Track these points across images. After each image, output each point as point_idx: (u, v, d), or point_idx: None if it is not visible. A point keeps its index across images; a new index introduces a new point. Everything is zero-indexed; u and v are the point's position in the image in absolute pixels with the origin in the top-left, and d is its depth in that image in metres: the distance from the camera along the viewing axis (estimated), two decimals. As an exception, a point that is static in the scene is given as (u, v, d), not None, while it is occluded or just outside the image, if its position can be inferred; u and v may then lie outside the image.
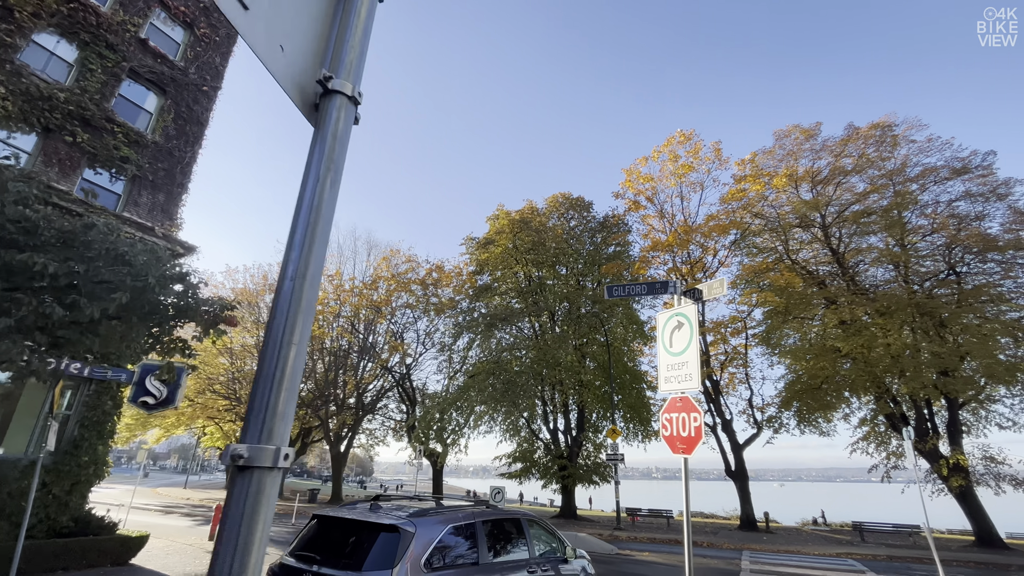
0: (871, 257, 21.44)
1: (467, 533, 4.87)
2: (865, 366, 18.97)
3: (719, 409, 25.13)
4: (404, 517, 4.49)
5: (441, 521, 4.66)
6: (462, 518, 4.92)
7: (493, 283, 29.39)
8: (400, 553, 4.10)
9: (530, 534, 5.79)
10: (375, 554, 4.15)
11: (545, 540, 6.10)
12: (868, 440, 22.29)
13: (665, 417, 4.74)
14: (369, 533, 4.38)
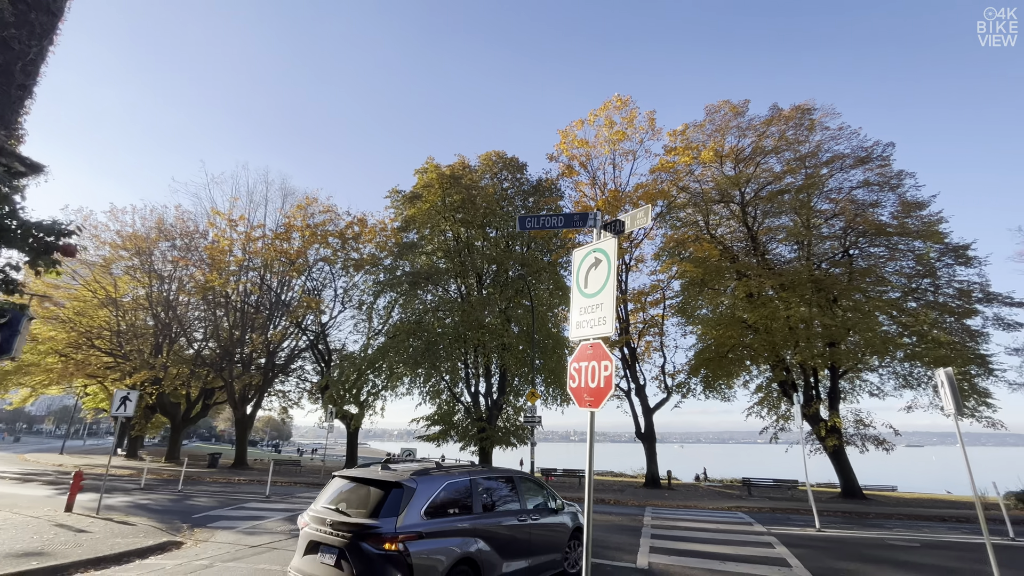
0: (780, 236, 22.77)
1: (462, 488, 5.79)
2: (767, 336, 20.29)
3: (634, 375, 26.10)
4: (408, 475, 5.44)
5: (439, 478, 5.62)
6: (458, 476, 5.87)
7: (420, 241, 27.99)
8: (404, 503, 5.08)
9: (522, 489, 6.80)
10: (384, 504, 5.09)
11: (537, 494, 7.14)
12: (762, 405, 24.22)
13: (573, 367, 4.22)
14: (380, 488, 5.31)
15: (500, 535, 5.92)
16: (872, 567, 8.50)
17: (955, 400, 7.60)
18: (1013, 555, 9.61)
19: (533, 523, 6.54)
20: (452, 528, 5.35)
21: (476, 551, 5.42)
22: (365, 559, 4.74)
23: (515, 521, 6.24)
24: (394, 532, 4.82)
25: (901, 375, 22.29)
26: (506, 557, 5.87)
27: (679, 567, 8.25)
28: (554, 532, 6.96)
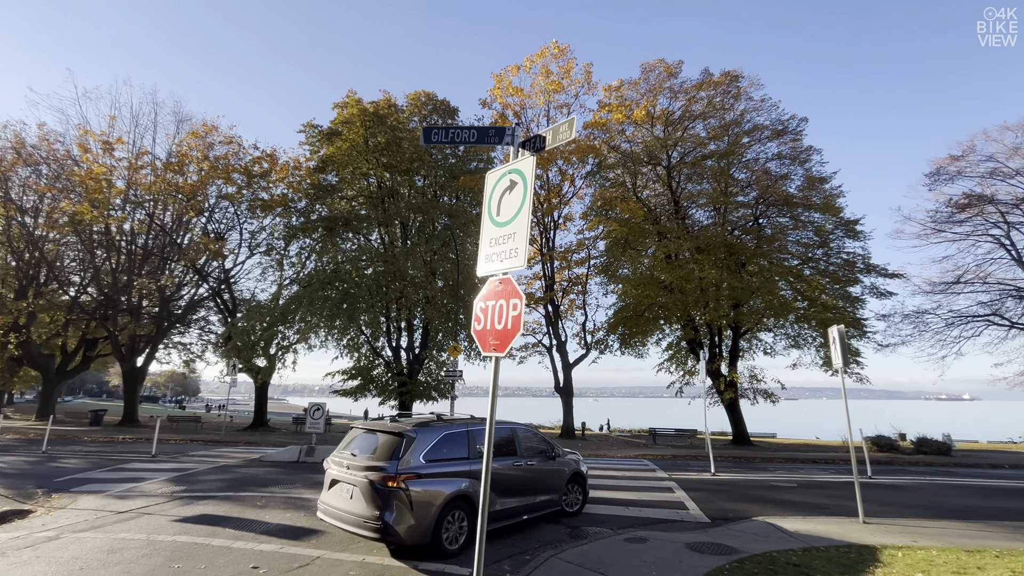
0: (701, 201, 23.59)
1: (459, 438, 6.64)
2: (681, 297, 21.25)
3: (557, 332, 26.59)
4: (411, 427, 6.35)
5: (438, 429, 6.49)
6: (456, 427, 6.73)
7: (339, 185, 25.83)
8: (406, 449, 5.99)
9: (520, 439, 7.66)
10: (390, 450, 6.03)
11: (536, 444, 7.99)
12: (672, 361, 25.79)
13: (479, 307, 3.70)
14: (387, 436, 6.25)
15: (495, 477, 6.67)
16: (757, 506, 9.22)
17: (843, 355, 8.15)
18: (871, 490, 10.93)
19: (528, 467, 7.46)
20: (448, 471, 6.25)
21: (470, 490, 6.30)
22: (374, 493, 5.73)
23: (510, 465, 7.18)
24: (396, 472, 5.75)
25: (791, 336, 24.58)
26: (501, 495, 6.83)
27: (587, 514, 8.39)
28: (550, 476, 7.83)
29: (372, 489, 5.72)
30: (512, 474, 7.13)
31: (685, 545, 6.28)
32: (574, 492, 8.30)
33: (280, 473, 11.91)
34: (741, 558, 5.65)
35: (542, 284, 27.36)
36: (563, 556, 5.83)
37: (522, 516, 7.18)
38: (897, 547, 6.12)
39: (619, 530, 7.33)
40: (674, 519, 8.27)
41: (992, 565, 5.13)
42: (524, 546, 6.51)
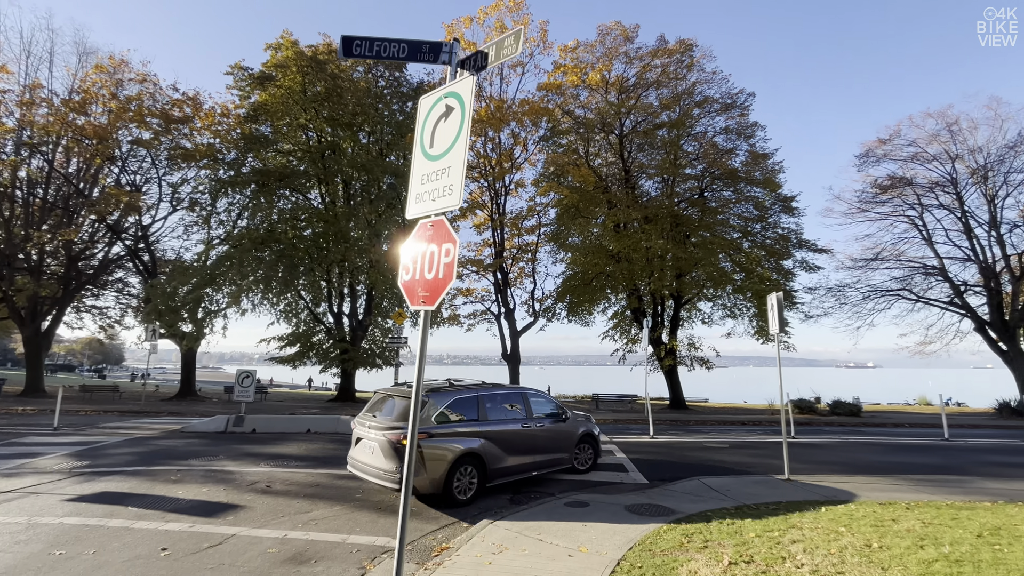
0: (650, 171, 23.71)
1: (469, 402, 7.30)
2: (628, 266, 21.52)
3: (505, 299, 26.39)
4: (425, 391, 6.84)
5: (449, 394, 7.19)
6: (466, 392, 7.40)
7: (274, 137, 23.74)
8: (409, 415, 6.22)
9: (530, 403, 8.23)
10: (405, 412, 6.57)
11: (545, 407, 8.54)
12: (616, 329, 26.39)
13: (408, 257, 3.23)
14: (403, 400, 6.87)
15: (503, 436, 7.42)
16: (691, 466, 9.53)
17: (779, 321, 8.38)
18: (795, 449, 11.64)
19: (538, 428, 8.01)
20: (457, 430, 6.93)
21: (479, 448, 6.97)
22: (391, 450, 6.41)
23: (519, 426, 7.77)
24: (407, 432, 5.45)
25: (727, 307, 25.72)
26: (510, 453, 7.44)
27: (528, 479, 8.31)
28: (559, 436, 8.38)
29: (390, 446, 6.46)
30: (521, 435, 7.75)
31: (624, 508, 6.28)
32: (585, 452, 8.88)
33: (203, 444, 11.05)
34: (678, 518, 5.70)
35: (492, 252, 26.91)
36: (502, 524, 5.64)
37: (531, 472, 7.87)
38: (820, 502, 6.41)
39: (562, 494, 7.28)
40: (615, 481, 8.36)
41: (904, 517, 5.44)
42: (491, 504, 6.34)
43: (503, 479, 7.37)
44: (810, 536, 4.75)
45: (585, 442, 8.86)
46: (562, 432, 8.45)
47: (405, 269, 3.20)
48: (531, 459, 7.81)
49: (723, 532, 5.01)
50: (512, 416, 7.84)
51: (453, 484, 6.64)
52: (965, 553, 4.14)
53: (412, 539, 5.33)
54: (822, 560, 4.06)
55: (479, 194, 27.03)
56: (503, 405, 7.87)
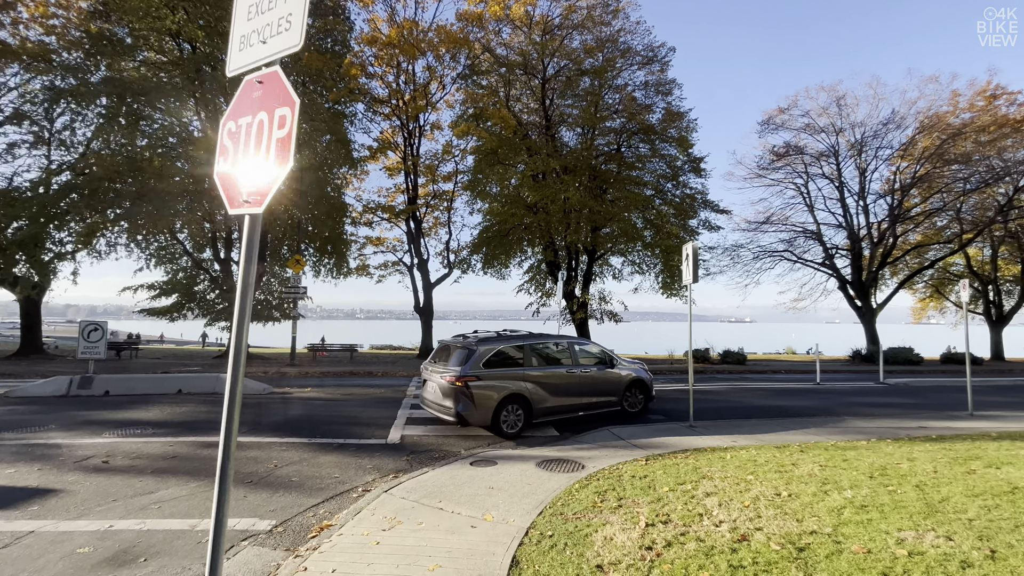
0: (571, 119, 23.05)
1: (516, 349, 8.29)
2: (546, 217, 21.08)
3: (419, 250, 25.00)
4: (474, 342, 8.11)
5: (495, 342, 8.21)
6: (513, 341, 8.42)
7: (134, 42, 19.42)
8: (468, 358, 7.73)
9: (576, 351, 9.04)
10: (458, 360, 7.82)
11: (593, 355, 9.34)
12: (531, 283, 26.28)
13: (226, 132, 2.15)
14: (459, 350, 8.05)
15: (547, 380, 8.25)
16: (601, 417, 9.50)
17: (694, 271, 8.29)
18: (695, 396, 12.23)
19: (583, 373, 8.81)
20: (503, 374, 7.83)
21: (524, 389, 7.89)
22: (446, 390, 7.59)
23: (563, 371, 8.58)
24: (460, 375, 7.46)
25: (636, 263, 26.60)
26: (554, 395, 8.29)
27: (433, 436, 7.67)
28: (606, 381, 9.14)
29: (448, 387, 7.55)
30: (566, 378, 8.60)
31: (535, 464, 5.86)
32: (634, 396, 9.55)
33: (32, 411, 8.99)
34: (589, 474, 5.38)
35: (405, 199, 25.09)
36: (396, 492, 4.93)
37: (577, 412, 8.75)
38: (723, 448, 6.50)
39: (468, 451, 6.73)
40: (525, 435, 8.01)
41: (802, 460, 5.57)
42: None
43: (548, 417, 8.42)
44: (722, 487, 4.61)
45: (635, 387, 9.55)
46: (609, 378, 9.21)
47: (221, 153, 2.13)
48: (575, 400, 8.69)
49: (637, 488, 4.72)
50: (557, 362, 8.74)
51: (501, 419, 7.72)
52: (867, 497, 4.18)
53: (286, 517, 4.45)
54: (739, 515, 3.85)
55: (391, 134, 24.78)
56: (548, 353, 8.81)
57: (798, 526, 3.55)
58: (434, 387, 8.00)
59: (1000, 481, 4.59)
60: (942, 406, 10.91)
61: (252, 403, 10.28)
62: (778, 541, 3.29)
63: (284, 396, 11.42)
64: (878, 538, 3.28)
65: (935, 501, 4.04)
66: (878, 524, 3.51)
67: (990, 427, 8.19)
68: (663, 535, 3.51)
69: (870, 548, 3.11)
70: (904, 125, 28.08)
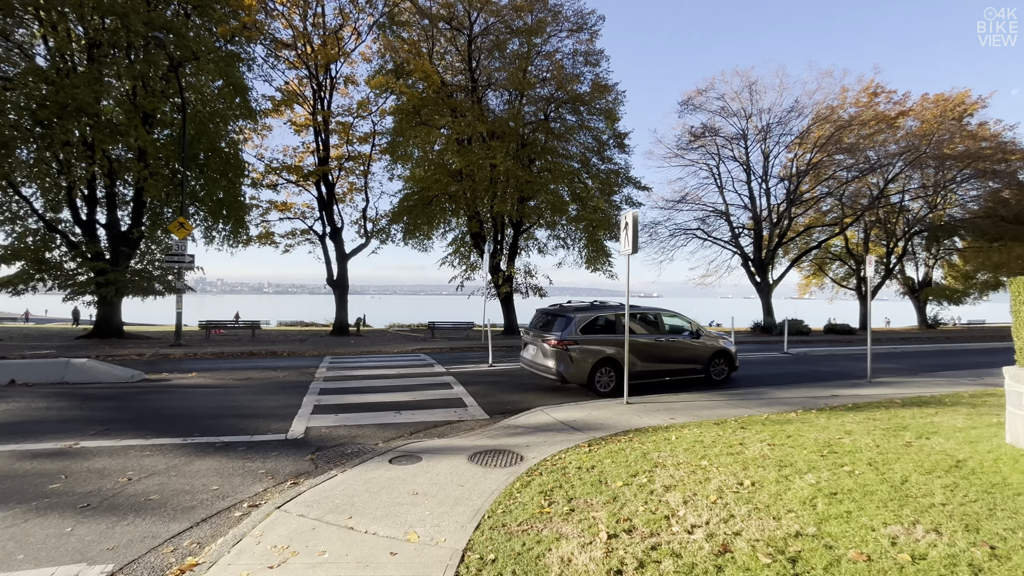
0: (499, 81, 21.86)
1: (608, 318, 9.23)
2: (471, 185, 19.99)
3: (331, 217, 22.80)
4: (571, 311, 9.26)
5: (590, 311, 9.26)
6: (606, 311, 9.35)
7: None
8: (568, 324, 8.87)
9: (663, 321, 9.95)
10: (559, 326, 8.99)
11: (680, 325, 10.18)
12: (456, 255, 25.20)
13: None
14: (556, 317, 9.25)
15: (636, 346, 9.10)
16: (532, 395, 8.95)
17: (633, 241, 7.83)
18: (620, 370, 12.15)
19: (668, 341, 9.67)
20: (597, 339, 8.98)
21: (615, 354, 8.94)
22: (548, 352, 8.88)
23: (651, 339, 9.53)
24: (560, 339, 8.73)
25: (562, 238, 26.46)
26: (643, 360, 9.34)
27: (345, 427, 6.60)
28: (691, 349, 9.89)
29: (550, 350, 8.79)
30: (653, 345, 9.51)
31: (467, 459, 5.07)
32: (720, 365, 10.31)
33: None
34: (530, 468, 4.69)
35: (315, 160, 22.59)
36: (293, 507, 3.89)
37: (664, 377, 9.72)
38: (664, 428, 6.15)
39: (388, 444, 5.78)
40: (452, 419, 7.20)
41: (748, 440, 5.33)
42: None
43: (638, 380, 9.34)
44: (680, 478, 4.13)
45: (720, 357, 10.27)
46: (694, 347, 9.98)
47: None
48: (662, 366, 9.67)
49: (586, 484, 4.10)
50: (646, 331, 9.64)
51: (595, 379, 8.84)
52: (830, 482, 3.91)
53: (132, 557, 3.27)
54: (709, 515, 3.35)
55: (298, 86, 22.00)
56: (638, 322, 9.69)
57: (778, 527, 3.11)
58: (536, 350, 9.31)
59: (940, 454, 4.61)
60: (843, 374, 11.75)
61: (111, 394, 8.41)
62: (764, 551, 2.80)
63: (159, 384, 9.55)
64: (869, 539, 2.92)
65: (897, 483, 3.86)
66: (859, 518, 3.19)
67: (891, 393, 8.77)
68: (632, 551, 2.88)
69: (869, 555, 2.71)
70: (804, 114, 30.28)
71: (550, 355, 8.77)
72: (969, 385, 9.76)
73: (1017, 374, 4.73)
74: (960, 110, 31.74)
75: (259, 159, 23.58)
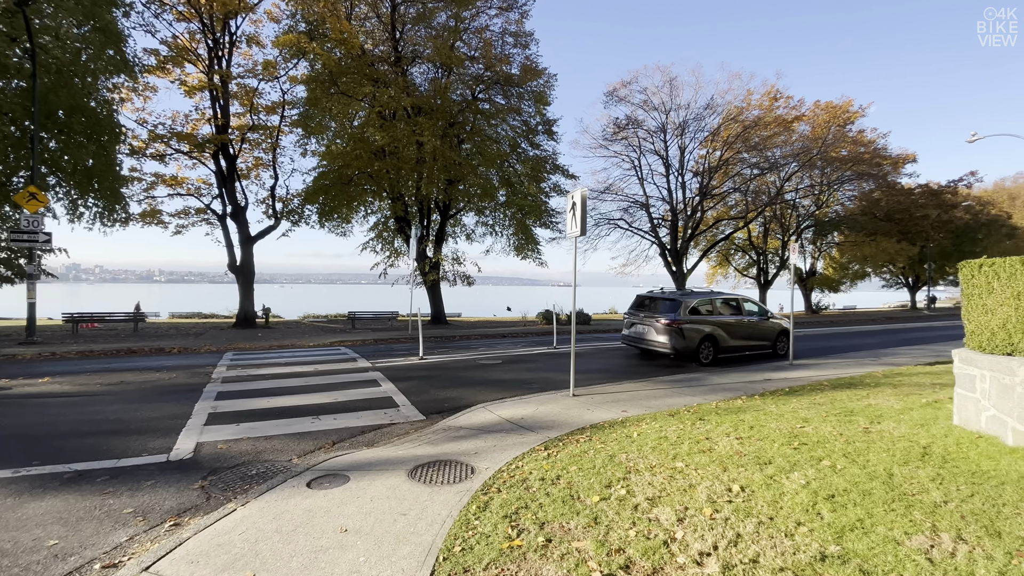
0: (425, 55, 20.49)
1: (706, 302, 11.26)
2: (396, 163, 18.58)
3: (232, 194, 20.15)
4: (678, 295, 11.34)
5: (693, 296, 11.24)
6: (704, 295, 11.52)
7: None
8: (678, 308, 10.65)
9: (743, 305, 12.00)
10: (667, 309, 10.81)
11: (754, 308, 12.27)
12: (378, 240, 23.56)
13: None
14: (663, 302, 11.11)
15: (726, 326, 11.31)
16: (471, 390, 8.21)
17: (582, 222, 7.30)
18: (561, 359, 11.76)
19: (748, 322, 11.85)
20: (700, 320, 10.91)
21: (713, 332, 10.96)
22: (662, 330, 10.73)
23: (735, 320, 11.61)
24: (674, 320, 10.57)
25: (491, 224, 25.77)
26: (731, 337, 11.37)
27: (249, 440, 5.41)
28: (763, 329, 12.12)
29: (664, 328, 10.74)
30: (737, 325, 11.53)
31: (407, 474, 4.21)
32: (783, 342, 12.26)
33: None
34: (486, 482, 3.96)
35: (213, 129, 19.75)
36: (168, 566, 2.83)
37: (744, 352, 11.69)
38: (620, 423, 5.71)
39: (304, 460, 4.75)
40: (383, 423, 6.25)
41: (713, 434, 5.01)
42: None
43: (727, 354, 11.29)
44: (659, 485, 3.63)
45: (784, 335, 12.28)
46: (765, 327, 12.07)
47: None
48: (744, 343, 11.61)
49: (556, 500, 3.46)
50: (731, 313, 11.59)
51: (699, 352, 10.75)
52: (821, 483, 3.61)
53: None
54: (712, 536, 2.84)
55: (189, 41, 19.02)
56: (727, 306, 11.66)
57: (796, 547, 2.67)
58: (645, 328, 11.22)
59: (904, 441, 4.56)
60: (769, 357, 12.25)
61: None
62: (797, 584, 2.31)
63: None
64: (903, 557, 2.55)
65: (884, 478, 3.65)
66: (875, 528, 2.85)
67: (815, 375, 9.16)
68: (639, 597, 2.26)
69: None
70: (717, 112, 32.01)
71: (663, 332, 10.73)
72: (873, 365, 10.54)
73: (969, 357, 4.83)
74: (845, 118, 35.39)
75: (141, 124, 20.17)
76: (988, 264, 4.53)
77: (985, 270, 4.55)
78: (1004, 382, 4.31)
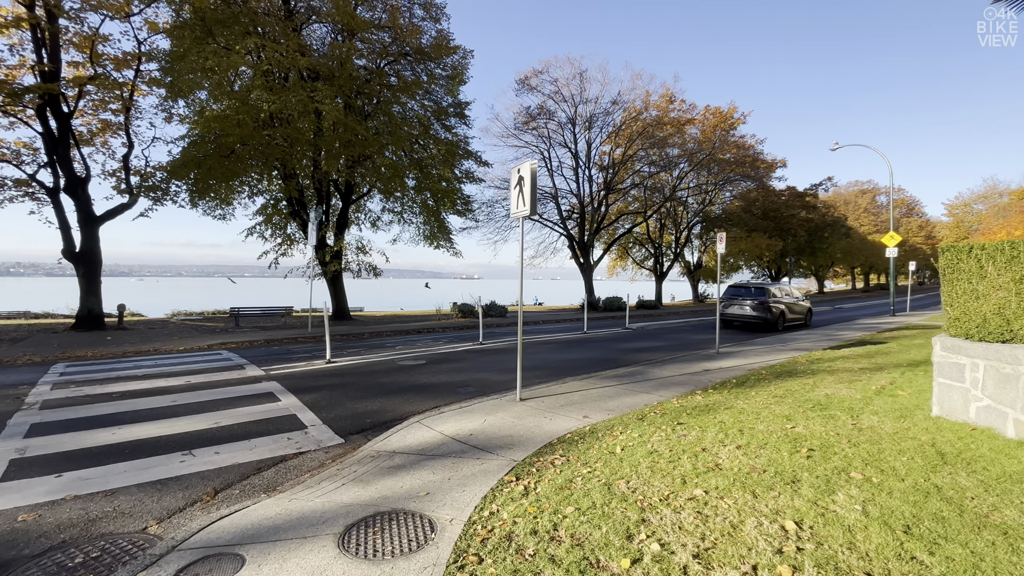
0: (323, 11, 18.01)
1: (777, 289, 17.55)
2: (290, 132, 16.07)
3: (68, 163, 16.05)
4: (765, 285, 17.36)
5: (770, 285, 17.42)
6: (773, 285, 17.49)
7: None
8: (765, 293, 16.95)
9: (793, 292, 18.48)
10: (758, 294, 17.06)
11: (796, 294, 18.54)
12: (268, 224, 20.55)
13: None
14: (755, 289, 17.26)
15: (787, 305, 17.26)
16: (399, 400, 6.87)
17: (531, 200, 6.32)
18: (490, 356, 10.74)
19: (793, 302, 17.66)
20: (777, 301, 16.79)
21: (784, 309, 16.97)
22: (756, 307, 16.68)
23: (792, 301, 17.64)
24: (764, 301, 16.57)
25: (398, 211, 23.89)
26: (791, 313, 17.39)
27: (79, 501, 3.61)
28: (802, 307, 18.23)
29: (760, 305, 16.49)
30: (792, 305, 17.51)
31: (335, 545, 2.89)
32: (809, 317, 18.74)
33: None
34: (457, 549, 2.78)
35: (37, 78, 15.45)
36: None
37: (795, 323, 17.66)
38: (590, 432, 4.84)
39: (169, 527, 3.18)
40: (288, 453, 4.74)
41: (703, 441, 4.32)
42: None
43: (788, 323, 17.21)
44: (688, 525, 2.77)
45: (810, 313, 18.74)
46: (803, 307, 18.34)
47: None
48: (793, 316, 17.52)
49: (568, 569, 2.44)
50: (784, 296, 17.55)
51: (779, 323, 16.51)
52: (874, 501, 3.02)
53: None
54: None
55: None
56: (784, 291, 17.75)
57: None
58: (742, 306, 16.94)
59: (906, 441, 4.22)
60: (690, 345, 12.40)
61: None
62: None
63: None
64: None
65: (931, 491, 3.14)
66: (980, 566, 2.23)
67: (749, 363, 9.19)
68: None
69: None
70: (621, 108, 33.03)
71: (759, 309, 16.53)
72: (785, 352, 10.98)
73: (956, 345, 4.69)
74: (729, 123, 38.68)
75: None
76: (979, 248, 4.41)
77: (976, 254, 4.43)
78: (1004, 371, 4.19)
